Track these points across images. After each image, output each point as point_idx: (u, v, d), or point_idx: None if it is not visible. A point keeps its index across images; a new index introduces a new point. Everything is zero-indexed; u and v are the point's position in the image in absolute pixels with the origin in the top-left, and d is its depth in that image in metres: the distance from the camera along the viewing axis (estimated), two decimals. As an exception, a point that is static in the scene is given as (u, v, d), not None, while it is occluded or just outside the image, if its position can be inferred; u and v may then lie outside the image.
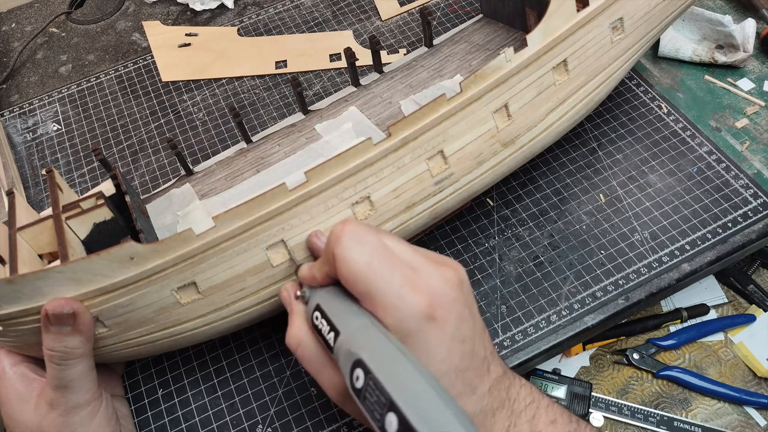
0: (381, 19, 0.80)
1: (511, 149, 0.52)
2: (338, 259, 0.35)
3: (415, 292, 0.34)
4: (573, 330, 0.53)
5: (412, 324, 0.34)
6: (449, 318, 0.35)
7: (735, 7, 0.75)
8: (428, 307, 0.34)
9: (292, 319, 0.40)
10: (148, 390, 0.53)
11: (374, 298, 0.34)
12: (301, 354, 0.39)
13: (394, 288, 0.34)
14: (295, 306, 0.41)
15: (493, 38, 0.65)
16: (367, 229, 0.37)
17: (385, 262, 0.35)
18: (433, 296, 0.34)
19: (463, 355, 0.35)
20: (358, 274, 0.35)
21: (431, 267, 0.36)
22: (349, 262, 0.35)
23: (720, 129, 0.65)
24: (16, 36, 0.87)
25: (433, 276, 0.36)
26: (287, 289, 0.43)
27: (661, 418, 0.68)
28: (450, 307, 0.35)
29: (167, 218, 0.54)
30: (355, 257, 0.35)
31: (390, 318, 0.34)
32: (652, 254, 0.56)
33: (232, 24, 0.83)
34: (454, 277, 0.36)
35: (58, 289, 0.39)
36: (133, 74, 0.79)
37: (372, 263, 0.35)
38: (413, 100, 0.60)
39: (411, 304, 0.34)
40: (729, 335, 0.73)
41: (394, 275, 0.35)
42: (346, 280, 0.36)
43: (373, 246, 0.36)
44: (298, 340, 0.39)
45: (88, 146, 0.72)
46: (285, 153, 0.58)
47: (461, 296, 0.36)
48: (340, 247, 0.35)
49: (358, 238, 0.36)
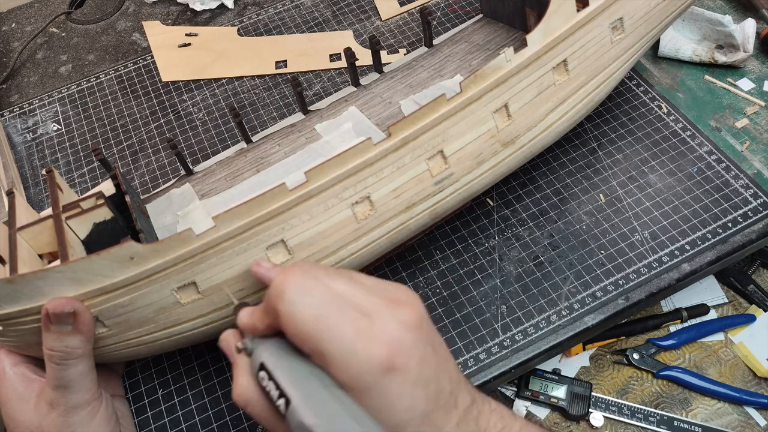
0: (381, 19, 0.80)
1: (511, 149, 0.52)
2: (282, 315, 0.33)
3: (371, 343, 0.32)
4: (573, 330, 0.53)
5: (369, 379, 0.31)
6: (410, 364, 0.32)
7: (735, 7, 0.75)
8: (387, 359, 0.31)
9: (236, 374, 0.36)
10: (148, 390, 0.53)
11: (326, 355, 0.32)
12: (251, 412, 0.35)
13: (347, 343, 0.32)
14: (238, 359, 0.37)
15: (493, 38, 0.65)
16: (312, 276, 0.34)
17: (335, 314, 0.32)
18: (391, 345, 0.32)
19: (428, 398, 0.33)
20: (306, 331, 0.32)
21: (387, 310, 0.34)
22: (295, 319, 0.32)
23: (720, 129, 0.65)
24: (16, 36, 0.87)
25: (390, 321, 0.33)
26: (227, 339, 0.39)
27: (661, 418, 0.68)
28: (410, 351, 0.32)
29: (167, 218, 0.54)
30: (301, 313, 0.32)
31: (345, 375, 0.32)
32: (652, 254, 0.56)
33: (232, 24, 0.83)
34: (412, 317, 0.34)
35: (58, 289, 0.39)
36: (133, 74, 0.79)
37: (320, 318, 0.32)
38: (413, 100, 0.60)
39: (367, 359, 0.31)
40: (729, 335, 0.73)
41: (345, 328, 0.32)
42: (293, 337, 0.33)
43: (321, 296, 0.33)
44: (246, 399, 0.35)
45: (88, 146, 0.72)
46: (285, 153, 0.58)
47: (422, 337, 0.34)
48: (283, 302, 0.33)
49: (303, 289, 0.33)
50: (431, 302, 0.56)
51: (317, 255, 0.46)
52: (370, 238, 0.48)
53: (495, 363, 0.52)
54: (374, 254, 0.50)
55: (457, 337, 0.54)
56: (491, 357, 0.52)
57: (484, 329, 0.54)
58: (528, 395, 0.70)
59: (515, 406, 0.70)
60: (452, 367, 0.36)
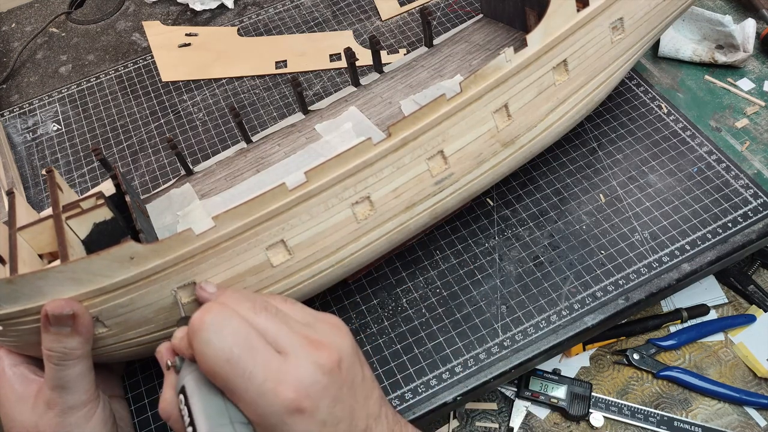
0: (381, 19, 0.80)
1: (511, 149, 0.52)
2: (197, 353, 0.34)
3: (279, 386, 0.33)
4: (573, 330, 0.53)
5: (275, 419, 0.33)
6: (319, 405, 0.34)
7: (735, 7, 0.75)
8: (294, 401, 0.33)
9: (165, 387, 0.38)
10: (148, 390, 0.53)
11: (235, 393, 0.33)
12: (173, 426, 0.37)
13: (255, 384, 0.33)
14: (168, 375, 0.38)
15: (493, 38, 0.65)
16: (231, 314, 0.35)
17: (247, 356, 0.33)
18: (300, 388, 0.33)
19: None
20: (217, 371, 0.33)
21: (304, 352, 0.35)
22: (208, 358, 0.33)
23: (720, 129, 0.65)
24: (16, 36, 0.87)
25: (304, 364, 0.34)
26: (161, 351, 0.39)
27: (661, 418, 0.68)
28: (320, 394, 0.34)
29: (167, 218, 0.54)
30: (213, 353, 0.33)
31: (252, 413, 0.33)
32: (652, 254, 0.56)
33: (232, 24, 0.83)
34: (328, 360, 0.35)
35: (58, 289, 0.39)
36: (133, 74, 0.79)
37: (231, 359, 0.33)
38: (413, 100, 0.60)
39: (273, 401, 0.33)
40: (729, 335, 0.73)
41: (255, 370, 0.33)
42: (206, 374, 0.34)
43: (235, 337, 0.34)
44: (168, 413, 0.37)
45: (88, 146, 0.72)
46: (285, 153, 0.58)
47: (336, 379, 0.35)
48: (197, 340, 0.34)
49: (218, 329, 0.34)
50: (431, 302, 0.56)
51: (317, 255, 0.46)
52: (370, 238, 0.48)
53: (495, 363, 0.52)
54: (374, 254, 0.50)
55: (457, 337, 0.54)
56: (491, 357, 0.52)
57: (484, 329, 0.54)
58: (528, 395, 0.70)
59: (515, 406, 0.70)
60: (373, 402, 0.38)
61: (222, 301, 0.36)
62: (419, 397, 0.51)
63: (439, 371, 0.52)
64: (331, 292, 0.57)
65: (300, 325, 0.37)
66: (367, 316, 0.55)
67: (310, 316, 0.38)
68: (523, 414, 0.70)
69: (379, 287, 0.57)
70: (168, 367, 0.37)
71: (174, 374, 0.37)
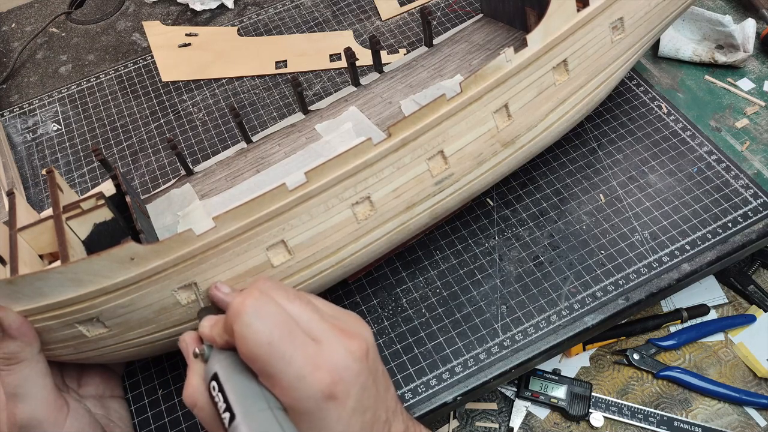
0: (381, 19, 0.80)
1: (511, 149, 0.52)
2: (238, 336, 0.34)
3: (317, 371, 0.34)
4: (573, 330, 0.53)
5: (310, 404, 0.33)
6: (351, 392, 0.34)
7: (735, 7, 0.75)
8: (329, 386, 0.33)
9: (190, 376, 0.37)
10: (148, 390, 0.53)
11: (273, 377, 0.34)
12: (197, 415, 0.37)
13: (295, 368, 0.33)
14: (194, 363, 0.38)
15: (493, 38, 0.65)
16: (269, 300, 0.35)
17: (287, 340, 0.34)
18: (335, 373, 0.34)
19: (363, 426, 0.35)
20: (257, 353, 0.34)
21: (336, 339, 0.35)
22: (249, 341, 0.34)
23: (720, 129, 0.65)
24: (16, 36, 0.87)
25: (338, 350, 0.35)
26: (186, 340, 0.40)
27: (661, 418, 0.68)
28: (353, 381, 0.35)
29: (167, 218, 0.54)
30: (254, 336, 0.34)
31: (288, 398, 0.34)
32: (652, 254, 0.56)
33: (232, 24, 0.83)
34: (359, 348, 0.36)
35: (58, 290, 0.39)
36: (133, 74, 0.79)
37: (273, 342, 0.34)
38: (413, 99, 0.60)
39: (311, 385, 0.33)
40: (729, 335, 0.73)
41: (295, 354, 0.34)
42: (245, 358, 0.34)
43: (275, 321, 0.34)
44: (195, 401, 0.37)
45: (88, 146, 0.72)
46: (285, 153, 0.58)
47: (365, 367, 0.36)
48: (239, 323, 0.34)
49: (259, 313, 0.34)
50: (431, 302, 0.56)
51: (317, 255, 0.46)
52: (370, 239, 0.48)
53: (495, 363, 0.52)
54: (374, 254, 0.50)
55: (457, 337, 0.54)
56: (491, 357, 0.52)
57: (484, 329, 0.54)
58: (528, 395, 0.70)
59: (515, 406, 0.71)
60: (391, 396, 0.39)
61: (259, 287, 0.36)
62: (419, 397, 0.51)
63: (439, 371, 0.52)
64: (331, 292, 0.57)
65: (328, 315, 0.38)
66: (367, 316, 0.55)
67: (334, 309, 0.39)
68: (523, 414, 0.70)
69: (379, 287, 0.57)
70: (196, 355, 0.37)
71: (201, 363, 0.37)
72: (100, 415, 0.47)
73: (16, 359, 0.40)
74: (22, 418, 0.41)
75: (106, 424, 0.47)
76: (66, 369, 0.47)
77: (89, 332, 0.42)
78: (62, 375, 0.46)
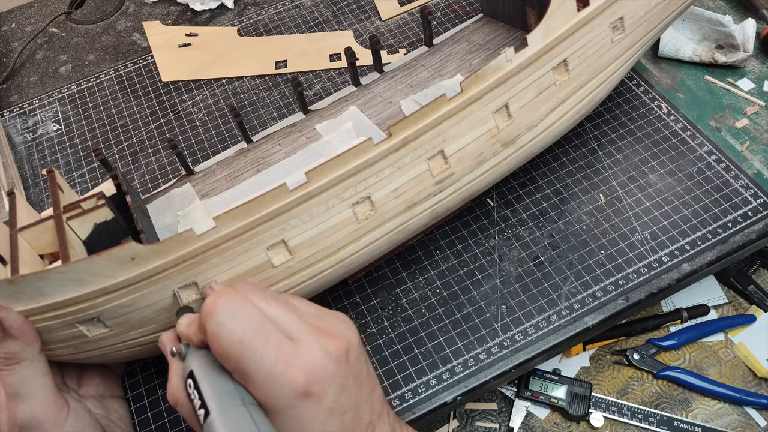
0: (381, 19, 0.80)
1: (512, 149, 0.52)
2: (210, 334, 0.34)
3: (290, 368, 0.33)
4: (573, 330, 0.53)
5: (283, 402, 0.33)
6: (327, 392, 0.34)
7: (735, 7, 0.75)
8: (303, 384, 0.33)
9: (170, 374, 0.38)
10: (148, 390, 0.53)
11: (246, 375, 0.34)
12: (180, 412, 0.37)
13: (266, 366, 0.33)
14: (172, 362, 0.38)
15: (493, 38, 0.65)
16: (243, 299, 0.35)
17: (259, 338, 0.34)
18: (310, 372, 0.34)
19: (344, 427, 0.35)
20: (229, 351, 0.34)
21: (313, 339, 0.35)
22: (221, 339, 0.34)
23: (720, 129, 0.65)
24: (16, 36, 0.87)
25: (313, 349, 0.35)
26: (163, 341, 0.40)
27: (661, 419, 0.68)
28: (329, 381, 0.34)
29: (168, 218, 0.54)
30: (226, 333, 0.34)
31: (261, 395, 0.34)
32: (652, 254, 0.56)
33: (232, 24, 0.83)
34: (338, 348, 0.35)
35: (59, 290, 0.39)
36: (133, 74, 0.79)
37: (244, 340, 0.34)
38: (414, 99, 0.60)
39: (283, 382, 0.33)
40: (729, 335, 0.73)
41: (266, 352, 0.34)
42: (218, 356, 0.35)
43: (248, 320, 0.34)
44: (176, 399, 0.37)
45: (88, 146, 0.72)
46: (285, 153, 0.58)
47: (343, 367, 0.35)
48: (210, 322, 0.34)
49: (232, 312, 0.34)
50: (431, 302, 0.56)
51: (318, 255, 0.46)
52: (370, 239, 0.48)
53: (495, 363, 0.52)
54: (374, 254, 0.50)
55: (457, 337, 0.54)
56: (491, 357, 0.52)
57: (484, 329, 0.54)
58: (528, 395, 0.70)
59: (515, 406, 0.71)
60: (376, 398, 0.38)
61: (235, 288, 0.37)
62: (419, 397, 0.51)
63: (439, 371, 0.52)
64: (331, 292, 0.57)
65: (309, 315, 0.38)
66: (367, 316, 0.56)
67: (318, 310, 0.39)
68: (523, 414, 0.70)
69: (379, 287, 0.57)
70: (173, 354, 0.38)
71: (179, 361, 0.38)
72: (100, 415, 0.47)
73: (16, 359, 0.40)
74: (23, 418, 0.41)
75: (106, 424, 0.47)
76: (66, 369, 0.47)
77: (90, 332, 0.42)
78: (62, 375, 0.46)
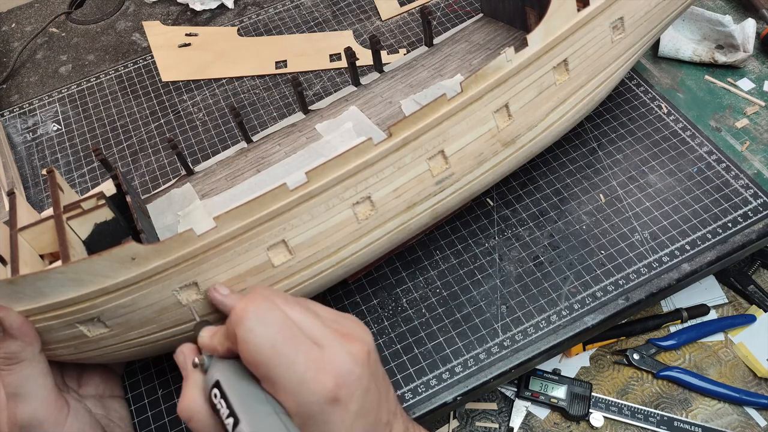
0: (381, 19, 0.80)
1: (512, 149, 0.52)
2: (240, 341, 0.34)
3: (320, 374, 0.34)
4: (573, 330, 0.53)
5: (314, 408, 0.33)
6: (354, 396, 0.34)
7: (735, 7, 0.75)
8: (333, 389, 0.33)
9: (187, 387, 0.37)
10: (148, 390, 0.53)
11: (276, 382, 0.34)
12: (193, 427, 0.36)
13: (298, 373, 0.33)
14: (192, 374, 0.38)
15: (493, 38, 0.65)
16: (272, 305, 0.35)
17: (290, 344, 0.34)
18: (338, 377, 0.34)
19: (366, 428, 0.35)
20: (260, 357, 0.34)
21: (338, 344, 0.35)
22: (252, 345, 0.34)
23: (720, 129, 0.65)
24: (16, 36, 0.87)
25: (340, 354, 0.35)
26: (183, 352, 0.39)
27: (661, 418, 0.68)
28: (356, 384, 0.35)
29: (168, 218, 0.54)
30: (257, 340, 0.34)
31: (291, 402, 0.33)
32: (652, 254, 0.56)
33: (232, 24, 0.83)
34: (360, 351, 0.36)
35: (59, 290, 0.39)
36: (133, 74, 0.79)
37: (275, 346, 0.34)
38: (414, 99, 0.60)
39: (314, 389, 0.33)
40: (729, 335, 0.73)
41: (297, 358, 0.34)
42: (248, 363, 0.34)
43: (278, 326, 0.34)
44: (191, 413, 0.36)
45: (88, 146, 0.72)
46: (285, 153, 0.58)
47: (367, 370, 0.36)
48: (242, 328, 0.34)
49: (262, 318, 0.34)
50: (431, 302, 0.56)
51: (318, 255, 0.46)
52: (370, 238, 0.48)
53: (495, 363, 0.52)
54: (375, 254, 0.50)
55: (457, 337, 0.54)
56: (491, 357, 0.52)
57: (484, 329, 0.54)
58: (528, 395, 0.70)
59: (515, 406, 0.71)
60: (391, 398, 0.39)
61: (261, 293, 0.36)
62: (419, 397, 0.51)
63: (439, 371, 0.52)
64: (331, 292, 0.57)
65: (329, 320, 0.38)
66: (367, 316, 0.55)
67: (334, 314, 0.39)
68: (523, 414, 0.70)
69: (379, 287, 0.57)
70: (195, 365, 0.37)
71: (200, 373, 0.37)
72: (100, 415, 0.47)
73: (16, 359, 0.40)
74: (23, 418, 0.41)
75: (106, 424, 0.47)
76: (66, 369, 0.47)
77: (90, 332, 0.42)
78: (62, 375, 0.46)
